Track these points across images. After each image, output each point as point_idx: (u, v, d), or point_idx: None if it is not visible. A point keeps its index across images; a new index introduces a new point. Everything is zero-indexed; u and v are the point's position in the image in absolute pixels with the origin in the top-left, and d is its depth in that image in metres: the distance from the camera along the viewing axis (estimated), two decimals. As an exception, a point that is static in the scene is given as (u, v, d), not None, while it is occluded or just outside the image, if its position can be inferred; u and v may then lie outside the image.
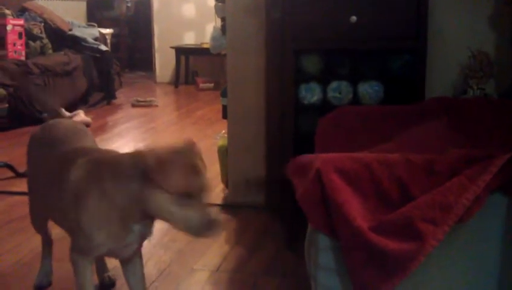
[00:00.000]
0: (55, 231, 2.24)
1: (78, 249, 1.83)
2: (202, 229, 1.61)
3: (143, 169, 1.61)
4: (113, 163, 1.75)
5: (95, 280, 2.28)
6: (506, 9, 2.88)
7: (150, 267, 2.57)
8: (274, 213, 3.21)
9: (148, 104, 7.03)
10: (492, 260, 1.69)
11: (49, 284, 2.38)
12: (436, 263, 1.67)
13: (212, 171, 3.95)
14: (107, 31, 8.31)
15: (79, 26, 7.44)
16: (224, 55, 3.44)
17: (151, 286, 2.41)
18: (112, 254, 1.93)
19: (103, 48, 7.22)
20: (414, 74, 2.78)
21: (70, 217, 1.80)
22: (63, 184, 1.82)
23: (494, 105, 2.38)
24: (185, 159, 1.62)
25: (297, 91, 2.81)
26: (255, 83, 3.28)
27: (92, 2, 9.44)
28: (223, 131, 3.65)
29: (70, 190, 1.78)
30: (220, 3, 3.49)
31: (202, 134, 5.39)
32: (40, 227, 2.34)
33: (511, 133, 2.08)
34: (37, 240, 2.48)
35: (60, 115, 2.34)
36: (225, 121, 3.49)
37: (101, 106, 6.99)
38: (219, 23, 3.64)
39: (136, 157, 1.66)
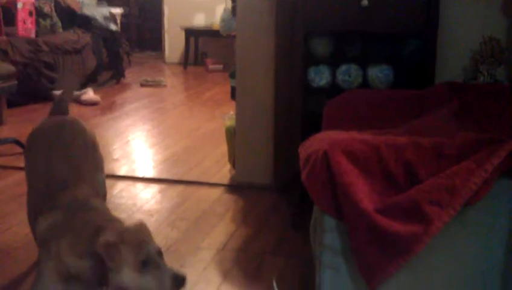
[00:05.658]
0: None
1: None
2: (173, 285, 1.71)
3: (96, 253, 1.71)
4: (74, 230, 1.82)
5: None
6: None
7: (156, 245, 2.59)
8: (281, 193, 3.23)
9: (156, 84, 7.03)
10: (498, 241, 1.69)
11: None
12: (443, 244, 1.68)
13: (220, 151, 3.97)
14: (117, 10, 8.28)
15: (89, 5, 7.43)
16: (234, 36, 3.43)
17: (157, 262, 2.44)
18: None
19: (113, 27, 7.21)
20: (424, 59, 2.77)
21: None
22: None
23: (504, 90, 2.37)
24: (131, 236, 1.75)
25: (307, 73, 2.80)
26: (264, 64, 3.27)
27: (103, -20, 9.43)
28: (231, 112, 3.65)
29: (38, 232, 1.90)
30: (231, -16, 3.48)
31: (210, 115, 5.40)
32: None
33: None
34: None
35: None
36: (233, 102, 3.50)
37: (110, 84, 7.00)
38: (230, 4, 3.63)
39: (94, 236, 1.75)
